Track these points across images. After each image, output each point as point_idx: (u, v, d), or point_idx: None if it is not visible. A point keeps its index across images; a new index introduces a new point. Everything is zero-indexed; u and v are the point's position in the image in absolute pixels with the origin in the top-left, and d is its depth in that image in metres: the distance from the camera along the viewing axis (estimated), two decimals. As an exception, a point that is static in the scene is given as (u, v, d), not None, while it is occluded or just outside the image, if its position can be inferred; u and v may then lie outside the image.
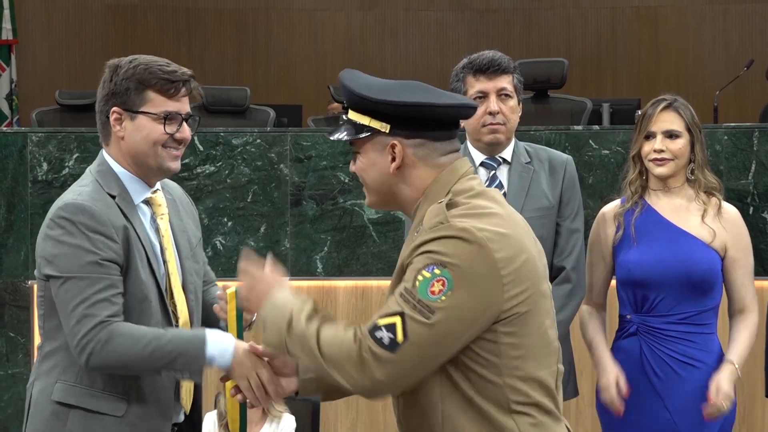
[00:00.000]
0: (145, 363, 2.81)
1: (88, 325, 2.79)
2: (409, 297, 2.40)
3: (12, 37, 10.88)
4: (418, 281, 2.40)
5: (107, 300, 2.81)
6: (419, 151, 2.54)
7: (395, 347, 2.39)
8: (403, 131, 2.53)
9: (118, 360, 2.80)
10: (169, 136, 2.93)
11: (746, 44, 11.84)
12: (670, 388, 3.70)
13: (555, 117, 7.40)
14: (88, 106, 8.39)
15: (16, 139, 5.94)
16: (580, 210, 3.89)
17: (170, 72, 2.96)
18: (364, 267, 5.77)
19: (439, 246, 2.40)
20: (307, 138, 5.88)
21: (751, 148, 5.68)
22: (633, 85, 11.74)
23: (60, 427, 2.88)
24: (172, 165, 2.96)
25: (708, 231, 3.76)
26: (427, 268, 2.40)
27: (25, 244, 5.85)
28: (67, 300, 2.83)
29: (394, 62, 12.30)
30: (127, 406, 2.89)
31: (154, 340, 2.81)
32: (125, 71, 2.97)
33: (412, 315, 2.39)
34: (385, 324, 2.40)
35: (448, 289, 2.38)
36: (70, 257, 2.83)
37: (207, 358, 2.82)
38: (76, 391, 2.88)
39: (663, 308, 3.74)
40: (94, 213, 2.86)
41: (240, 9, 12.36)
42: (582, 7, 12.38)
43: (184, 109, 2.97)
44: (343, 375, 2.44)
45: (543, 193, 3.79)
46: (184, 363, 2.82)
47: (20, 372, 5.83)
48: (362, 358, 2.41)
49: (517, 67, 3.85)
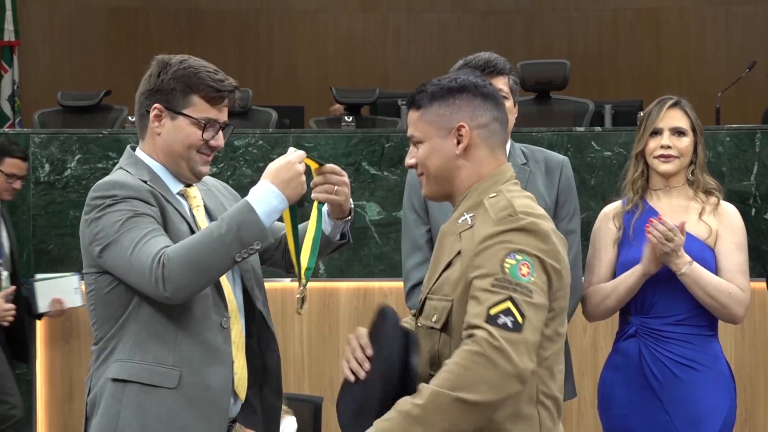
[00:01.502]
0: (216, 253, 2.77)
1: (147, 263, 2.78)
2: (505, 283, 2.53)
3: (14, 39, 10.90)
4: (506, 268, 2.54)
5: (156, 236, 2.82)
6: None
7: (520, 327, 2.50)
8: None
9: (188, 267, 2.76)
10: (205, 143, 2.97)
11: (748, 45, 11.84)
12: (668, 391, 3.69)
13: (557, 118, 7.41)
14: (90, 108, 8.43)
15: (18, 141, 5.94)
16: (577, 211, 3.88)
17: (218, 81, 2.99)
18: (366, 268, 5.78)
19: (512, 236, 2.57)
20: (309, 139, 5.89)
21: (754, 150, 5.68)
22: (635, 86, 11.75)
23: (116, 406, 2.88)
24: (203, 169, 3.01)
25: (705, 227, 3.76)
26: (509, 256, 2.56)
27: (27, 246, 5.86)
28: (122, 255, 2.82)
29: (395, 64, 12.32)
30: (180, 377, 2.88)
31: (206, 232, 2.81)
32: (174, 71, 2.99)
33: (518, 297, 2.52)
34: (501, 310, 2.51)
35: (533, 271, 2.56)
36: (112, 222, 2.84)
37: (262, 216, 2.80)
38: (130, 367, 2.88)
39: (661, 309, 3.73)
40: (126, 183, 2.89)
41: (242, 10, 12.37)
42: (584, 8, 12.38)
43: (222, 118, 3.01)
44: (499, 383, 2.47)
45: (539, 195, 3.78)
46: (248, 232, 2.78)
47: (22, 373, 5.83)
48: (498, 351, 2.47)
49: (512, 69, 3.84)
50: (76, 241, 5.86)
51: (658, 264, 3.66)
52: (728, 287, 3.70)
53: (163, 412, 2.87)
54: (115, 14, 12.06)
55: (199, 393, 2.89)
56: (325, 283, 5.76)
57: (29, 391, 5.82)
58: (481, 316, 2.50)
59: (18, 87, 10.88)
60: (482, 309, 2.51)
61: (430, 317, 2.68)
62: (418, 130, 2.75)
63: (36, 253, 5.86)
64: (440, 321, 2.64)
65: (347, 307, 5.74)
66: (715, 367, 3.73)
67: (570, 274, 2.71)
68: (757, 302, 5.32)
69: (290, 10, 12.43)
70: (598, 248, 3.85)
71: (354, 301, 5.74)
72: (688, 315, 3.72)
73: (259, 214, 2.80)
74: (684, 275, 3.65)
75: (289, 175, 2.87)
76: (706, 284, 3.66)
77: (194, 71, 2.98)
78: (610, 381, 3.82)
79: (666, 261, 3.64)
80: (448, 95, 2.74)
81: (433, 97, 2.74)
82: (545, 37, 12.32)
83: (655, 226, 3.60)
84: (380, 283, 5.64)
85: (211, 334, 2.92)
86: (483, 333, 2.48)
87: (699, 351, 3.72)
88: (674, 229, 3.60)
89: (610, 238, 3.84)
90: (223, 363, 2.94)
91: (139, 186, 2.90)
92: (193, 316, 2.90)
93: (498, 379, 2.47)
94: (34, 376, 5.82)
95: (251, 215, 2.80)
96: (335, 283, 5.76)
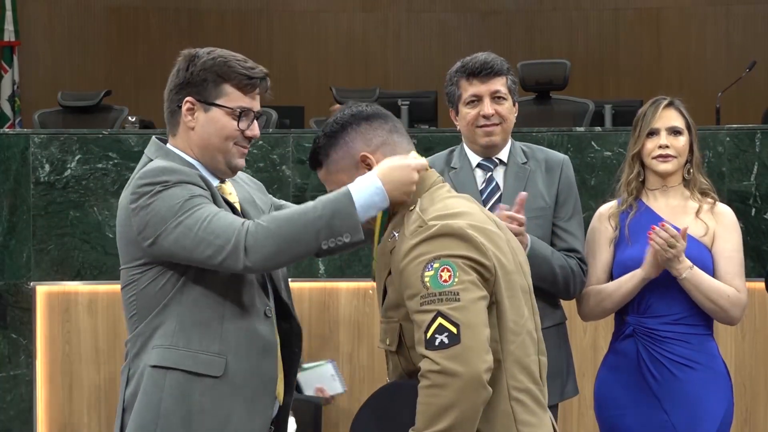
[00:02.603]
0: (307, 233, 2.71)
1: (228, 231, 2.71)
2: (430, 298, 2.53)
3: (14, 39, 10.90)
4: (427, 282, 2.54)
5: (227, 213, 2.77)
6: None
7: (456, 338, 2.49)
8: None
9: (276, 240, 2.70)
10: (240, 133, 2.92)
11: (748, 45, 11.84)
12: (666, 390, 3.70)
13: (557, 118, 7.40)
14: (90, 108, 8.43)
15: (18, 141, 5.94)
16: (577, 211, 3.87)
17: (249, 68, 2.95)
18: (366, 268, 5.77)
19: (425, 247, 2.57)
20: (309, 139, 5.88)
21: (754, 150, 5.68)
22: (635, 86, 11.74)
23: (158, 394, 2.80)
24: (240, 162, 2.94)
25: (701, 226, 3.77)
26: (426, 268, 2.55)
27: (27, 246, 5.86)
28: (186, 234, 2.73)
29: (395, 64, 12.32)
30: (226, 365, 2.81)
31: (301, 210, 2.75)
32: (203, 62, 2.92)
33: (445, 308, 2.51)
34: (434, 330, 2.51)
35: (455, 273, 2.54)
36: (169, 206, 2.76)
37: (360, 209, 2.70)
38: (173, 353, 2.80)
39: (658, 309, 3.73)
40: (176, 169, 2.81)
41: (242, 10, 12.37)
42: (584, 8, 12.38)
43: (256, 107, 2.96)
44: (459, 399, 2.48)
45: (539, 194, 3.78)
46: (341, 222, 2.70)
47: (22, 373, 5.83)
48: (442, 374, 2.48)
49: (510, 69, 3.84)
50: (76, 241, 5.87)
51: (659, 269, 3.66)
52: (727, 291, 3.70)
53: (206, 401, 2.79)
54: (116, 14, 12.05)
55: (245, 382, 2.82)
56: (324, 283, 5.76)
57: (29, 391, 5.82)
58: (421, 343, 2.53)
59: (18, 87, 10.88)
60: (420, 335, 2.54)
61: (384, 340, 2.72)
62: (333, 182, 2.79)
63: (36, 254, 5.86)
64: (394, 343, 2.67)
65: (347, 307, 5.74)
66: (712, 366, 3.74)
67: (515, 255, 2.69)
68: (757, 302, 5.32)
69: (290, 10, 12.43)
70: (594, 248, 3.85)
71: (354, 300, 5.74)
72: (684, 314, 3.73)
73: (356, 206, 2.71)
74: (685, 280, 3.65)
75: (402, 179, 2.71)
76: (706, 288, 3.67)
77: (224, 60, 2.93)
78: (607, 381, 3.82)
79: (667, 266, 3.65)
80: (335, 139, 2.77)
81: (326, 148, 2.78)
82: (545, 37, 12.32)
83: (658, 233, 3.60)
84: (380, 283, 5.65)
85: (258, 322, 2.87)
86: (426, 364, 2.51)
87: (696, 350, 3.72)
88: (677, 236, 3.60)
89: (606, 237, 3.84)
90: (270, 353, 2.88)
91: (190, 171, 2.83)
92: (240, 302, 2.84)
93: (456, 397, 2.48)
94: (34, 376, 5.82)
95: (348, 206, 2.71)
96: (335, 283, 5.76)
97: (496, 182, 3.80)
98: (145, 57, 11.99)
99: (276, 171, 5.78)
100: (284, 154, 5.82)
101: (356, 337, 5.75)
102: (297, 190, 5.74)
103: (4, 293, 5.85)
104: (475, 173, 3.81)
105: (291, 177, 5.79)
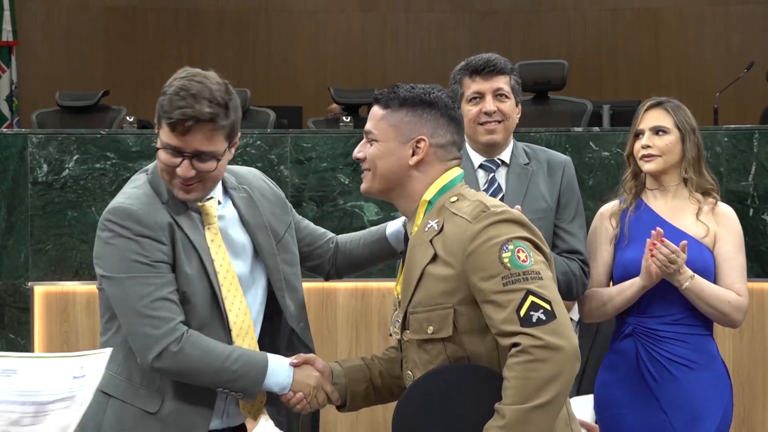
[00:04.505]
0: (210, 377, 2.84)
1: (159, 328, 2.81)
2: (514, 277, 2.59)
3: (12, 39, 10.90)
4: (506, 263, 2.60)
5: (166, 299, 2.82)
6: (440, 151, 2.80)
7: (552, 314, 2.57)
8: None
9: (186, 369, 2.83)
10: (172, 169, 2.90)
11: (747, 46, 11.85)
12: (665, 390, 3.70)
13: (555, 118, 7.41)
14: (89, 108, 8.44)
15: (16, 141, 5.94)
16: (580, 213, 3.87)
17: (175, 107, 2.82)
18: (364, 268, 5.78)
19: (494, 230, 2.63)
20: (307, 139, 5.88)
21: (752, 150, 5.68)
22: (633, 86, 11.75)
23: (100, 414, 2.90)
24: (182, 195, 2.90)
25: (702, 227, 3.77)
26: (503, 250, 2.61)
27: (25, 246, 5.86)
28: (123, 299, 2.83)
29: (394, 64, 12.31)
30: (162, 403, 2.89)
31: (224, 358, 2.84)
32: (163, 91, 2.88)
33: (533, 286, 2.58)
34: (528, 308, 2.57)
35: (528, 252, 2.63)
36: (120, 258, 2.84)
37: (264, 386, 2.88)
38: (117, 382, 2.90)
39: (657, 309, 3.74)
40: (140, 217, 2.85)
41: (240, 10, 12.37)
42: (582, 8, 12.39)
43: (186, 146, 2.86)
44: (560, 372, 2.55)
45: (541, 195, 3.78)
46: (243, 385, 2.85)
47: (20, 373, 5.82)
48: (546, 348, 2.54)
49: (514, 69, 3.84)
50: (74, 241, 5.86)
51: (657, 278, 3.67)
52: (728, 296, 3.71)
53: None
54: (114, 14, 12.05)
55: (177, 420, 2.90)
56: (323, 284, 5.76)
57: (27, 392, 5.81)
58: (513, 322, 2.57)
59: (16, 87, 10.88)
60: (508, 313, 2.57)
61: (422, 330, 2.71)
62: (379, 128, 2.81)
63: (33, 254, 5.85)
64: (443, 330, 2.67)
65: (345, 308, 5.73)
66: (711, 366, 3.74)
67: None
68: (756, 303, 5.32)
69: (289, 10, 12.43)
70: (594, 248, 3.86)
71: (352, 301, 5.74)
72: (683, 315, 3.73)
73: (264, 383, 2.87)
74: (686, 289, 3.66)
75: (302, 388, 2.91)
76: (708, 296, 3.68)
77: (164, 97, 2.85)
78: (607, 381, 3.82)
79: (668, 278, 3.65)
80: (417, 106, 2.78)
81: (403, 103, 2.78)
82: (543, 37, 12.32)
83: (659, 249, 3.61)
84: (378, 284, 5.64)
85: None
86: (527, 339, 2.55)
87: (695, 350, 3.73)
88: (677, 251, 3.60)
89: (606, 237, 3.84)
90: (205, 402, 2.93)
91: (154, 223, 2.85)
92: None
93: (558, 369, 2.54)
94: (32, 377, 5.81)
95: (258, 377, 2.86)
96: (333, 283, 5.76)
97: (498, 183, 3.80)
98: (144, 57, 11.99)
99: (274, 171, 5.78)
100: (282, 154, 5.82)
101: (354, 337, 5.74)
102: (295, 190, 5.74)
103: (1, 293, 5.85)
104: (477, 174, 3.80)
105: (289, 177, 5.79)
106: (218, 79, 2.86)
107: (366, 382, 2.98)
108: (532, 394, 2.52)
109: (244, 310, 2.94)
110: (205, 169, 2.85)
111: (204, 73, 2.87)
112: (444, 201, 2.74)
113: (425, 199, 2.77)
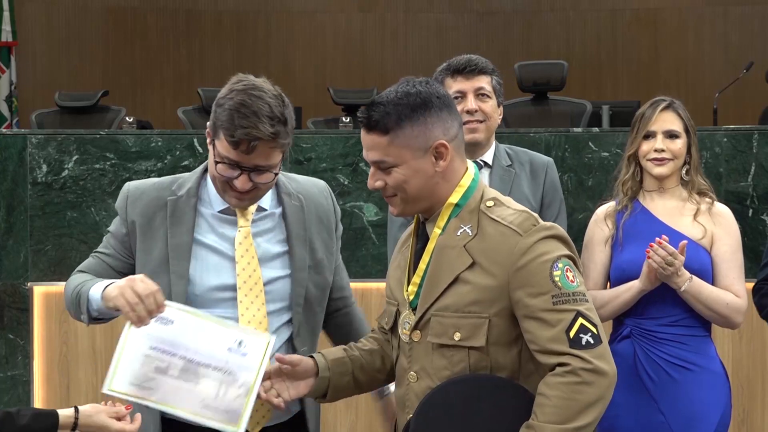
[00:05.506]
0: (70, 305, 3.03)
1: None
2: (564, 297, 2.58)
3: (12, 39, 10.90)
4: (557, 281, 2.58)
5: (93, 255, 3.11)
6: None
7: (599, 338, 2.59)
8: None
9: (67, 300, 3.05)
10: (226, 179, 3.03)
11: (746, 46, 11.85)
12: (663, 391, 3.70)
13: (554, 119, 7.41)
14: (88, 108, 8.43)
15: (15, 141, 5.94)
16: (562, 213, 3.88)
17: (238, 126, 2.83)
18: (363, 269, 5.77)
19: (544, 246, 2.61)
20: (306, 140, 5.88)
21: (751, 151, 5.68)
22: (633, 87, 11.75)
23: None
24: (232, 201, 3.01)
25: (699, 229, 3.77)
26: (554, 268, 2.59)
27: (24, 246, 5.86)
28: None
29: (393, 64, 12.31)
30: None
31: (80, 280, 3.00)
32: (221, 97, 2.91)
33: (582, 308, 2.59)
34: (578, 330, 2.57)
35: (575, 272, 2.63)
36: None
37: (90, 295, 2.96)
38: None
39: (655, 310, 3.74)
40: (120, 206, 3.08)
41: (240, 11, 12.37)
42: (581, 9, 12.39)
43: (247, 161, 2.89)
44: (602, 396, 2.58)
45: (524, 196, 3.78)
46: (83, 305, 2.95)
47: (20, 374, 5.83)
48: (593, 372, 2.56)
49: (495, 70, 3.85)
50: (74, 242, 5.86)
51: (656, 282, 3.67)
52: (726, 297, 3.71)
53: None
54: (113, 14, 12.05)
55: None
56: (322, 284, 5.75)
57: (27, 392, 5.81)
58: (562, 342, 2.56)
59: (15, 87, 10.88)
60: (557, 333, 2.56)
61: (447, 335, 2.65)
62: (391, 155, 2.64)
63: (33, 254, 5.85)
64: (474, 339, 2.62)
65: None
66: (709, 368, 3.74)
67: None
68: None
69: (288, 11, 12.43)
70: (591, 250, 3.86)
71: (351, 301, 5.73)
72: (682, 316, 3.73)
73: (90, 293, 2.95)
74: (684, 292, 3.66)
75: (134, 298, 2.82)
76: (706, 298, 3.67)
77: (225, 108, 2.86)
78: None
79: (666, 280, 3.65)
80: (415, 113, 2.63)
81: (400, 119, 2.62)
82: (543, 38, 12.32)
83: (656, 251, 3.60)
84: (378, 284, 5.63)
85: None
86: (576, 361, 2.55)
87: (693, 352, 3.72)
88: (675, 253, 3.60)
89: (602, 238, 3.84)
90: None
91: (122, 219, 3.05)
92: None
93: (601, 394, 2.56)
94: (31, 377, 5.81)
95: (85, 293, 2.95)
96: (333, 283, 5.75)
97: None
98: (143, 57, 11.99)
99: (273, 171, 5.78)
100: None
101: (354, 337, 5.74)
102: (294, 190, 5.74)
103: (1, 294, 5.84)
104: None
105: (288, 177, 5.78)
106: (273, 91, 2.86)
107: (348, 375, 2.94)
108: (574, 415, 2.52)
109: (259, 319, 2.95)
110: (262, 182, 2.90)
111: (260, 86, 2.85)
112: (475, 204, 2.69)
113: (451, 202, 2.70)
